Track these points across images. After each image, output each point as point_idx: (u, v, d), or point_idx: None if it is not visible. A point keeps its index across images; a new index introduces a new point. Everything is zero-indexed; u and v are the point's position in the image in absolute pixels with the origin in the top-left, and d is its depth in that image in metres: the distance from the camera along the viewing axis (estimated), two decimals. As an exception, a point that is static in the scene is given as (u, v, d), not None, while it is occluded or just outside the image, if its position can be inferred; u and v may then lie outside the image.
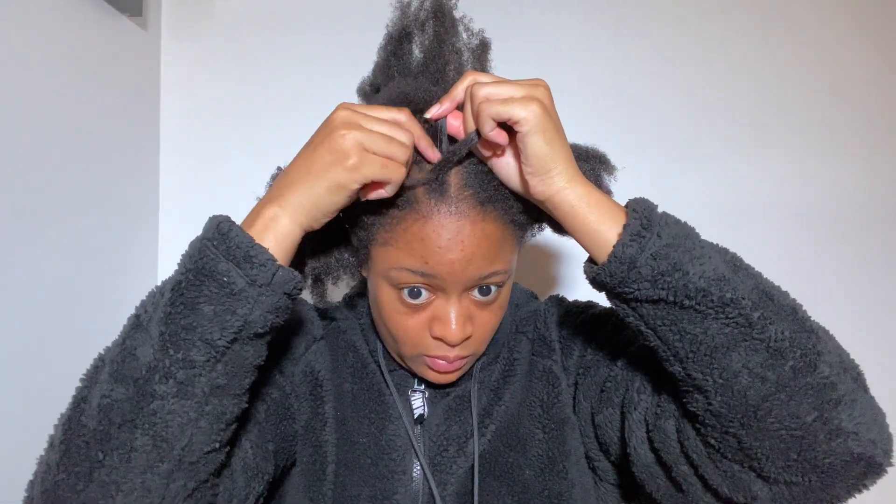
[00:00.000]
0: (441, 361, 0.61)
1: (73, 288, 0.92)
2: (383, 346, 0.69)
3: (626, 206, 0.52)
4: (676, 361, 0.51)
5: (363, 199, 0.54)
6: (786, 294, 0.52)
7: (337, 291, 0.82)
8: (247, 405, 0.52)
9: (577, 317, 0.70)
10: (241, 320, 0.47)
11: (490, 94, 0.51)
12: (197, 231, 0.51)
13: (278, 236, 0.50)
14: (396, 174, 0.52)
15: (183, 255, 0.50)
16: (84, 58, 0.94)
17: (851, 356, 0.51)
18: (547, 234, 0.74)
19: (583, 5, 1.14)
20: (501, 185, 0.57)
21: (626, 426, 0.59)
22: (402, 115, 0.54)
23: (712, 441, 0.51)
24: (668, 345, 0.51)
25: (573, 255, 1.13)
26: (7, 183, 0.80)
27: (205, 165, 1.14)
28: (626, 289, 0.51)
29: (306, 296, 0.69)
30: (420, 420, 0.67)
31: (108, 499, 0.45)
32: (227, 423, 0.50)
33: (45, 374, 0.87)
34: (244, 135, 1.14)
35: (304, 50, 1.15)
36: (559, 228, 0.67)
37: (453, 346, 0.60)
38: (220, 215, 0.50)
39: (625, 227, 0.50)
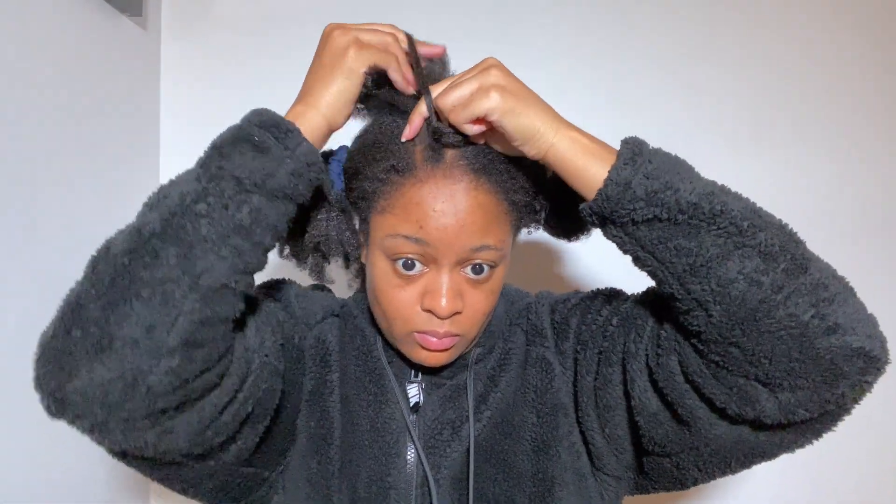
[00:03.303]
0: (432, 339, 0.62)
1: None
2: (383, 339, 0.71)
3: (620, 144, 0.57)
4: (675, 280, 0.54)
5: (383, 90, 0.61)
6: (772, 214, 0.55)
7: (340, 289, 0.82)
8: (265, 264, 0.55)
9: (566, 303, 0.72)
10: (266, 171, 0.52)
11: (453, 104, 0.56)
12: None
13: (307, 127, 0.56)
14: (393, 61, 0.58)
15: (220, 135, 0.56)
16: (84, 58, 0.94)
17: None
18: (545, 234, 0.75)
19: (583, 5, 1.14)
20: (495, 160, 0.60)
21: (627, 380, 0.61)
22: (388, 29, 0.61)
23: (716, 358, 0.53)
24: (665, 264, 0.54)
25: (571, 254, 1.13)
26: (7, 183, 0.80)
27: (205, 165, 1.14)
28: (622, 210, 0.53)
29: (304, 278, 0.72)
30: (416, 409, 0.68)
31: (126, 303, 0.46)
32: (245, 266, 0.52)
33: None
34: (244, 135, 1.14)
35: (303, 49, 1.14)
36: (555, 232, 0.71)
37: (442, 318, 0.61)
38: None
39: (617, 155, 0.55)
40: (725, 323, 0.51)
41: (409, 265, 0.61)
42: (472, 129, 0.57)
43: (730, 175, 0.60)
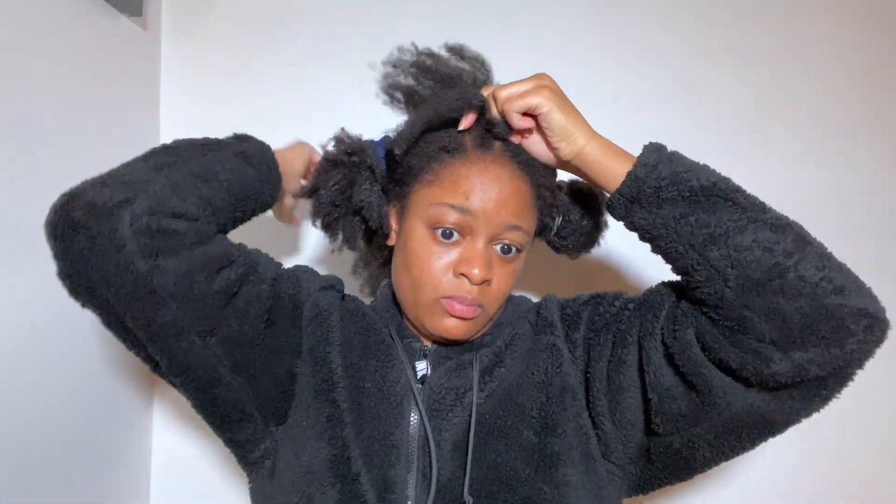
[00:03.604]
0: (458, 304, 0.67)
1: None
2: (397, 318, 0.76)
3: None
4: (694, 251, 0.60)
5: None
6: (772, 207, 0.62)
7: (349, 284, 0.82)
8: (239, 186, 0.69)
9: (576, 300, 0.77)
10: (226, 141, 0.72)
11: (508, 94, 0.65)
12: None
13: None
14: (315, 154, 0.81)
15: None
16: (84, 58, 0.95)
17: None
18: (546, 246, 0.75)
19: (582, 5, 1.14)
20: (533, 159, 0.70)
21: (643, 357, 0.66)
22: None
23: (731, 324, 0.58)
24: (687, 237, 0.60)
25: (571, 263, 1.13)
26: (7, 184, 0.80)
27: (205, 165, 1.14)
28: (649, 189, 0.61)
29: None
30: (422, 380, 0.72)
31: (127, 167, 0.65)
32: (212, 176, 0.66)
33: (44, 374, 0.87)
34: (244, 135, 1.14)
35: (303, 50, 1.15)
36: (562, 244, 0.79)
37: (475, 283, 0.66)
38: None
39: (643, 149, 0.63)
40: (742, 286, 0.57)
41: (447, 234, 0.67)
42: (521, 122, 0.65)
43: (730, 175, 0.62)
